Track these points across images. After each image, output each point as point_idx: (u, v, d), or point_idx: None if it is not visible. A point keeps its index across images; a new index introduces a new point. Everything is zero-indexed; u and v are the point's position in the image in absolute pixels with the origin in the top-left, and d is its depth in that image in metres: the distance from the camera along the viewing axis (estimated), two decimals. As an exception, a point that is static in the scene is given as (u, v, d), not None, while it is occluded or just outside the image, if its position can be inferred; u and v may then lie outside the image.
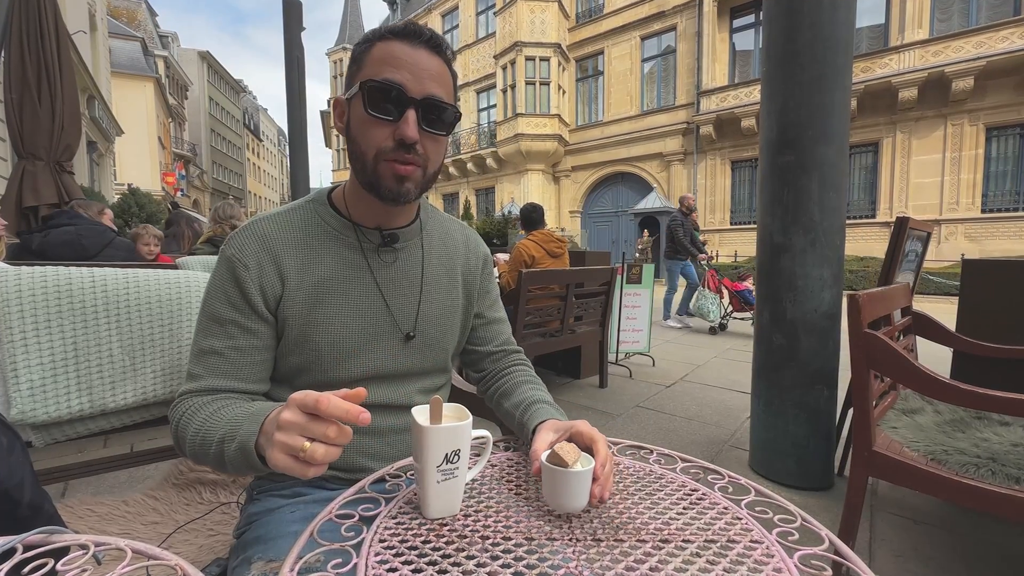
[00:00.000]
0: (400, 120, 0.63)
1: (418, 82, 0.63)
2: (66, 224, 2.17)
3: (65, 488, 1.71)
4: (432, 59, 0.65)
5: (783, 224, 1.92)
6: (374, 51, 0.65)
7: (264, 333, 0.68)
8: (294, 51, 3.66)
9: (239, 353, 0.66)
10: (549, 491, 0.55)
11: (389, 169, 0.65)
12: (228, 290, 0.67)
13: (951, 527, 1.62)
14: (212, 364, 0.65)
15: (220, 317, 0.66)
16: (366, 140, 0.65)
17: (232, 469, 0.57)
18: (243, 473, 0.60)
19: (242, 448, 0.54)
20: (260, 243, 0.67)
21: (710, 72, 14.36)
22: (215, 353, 0.66)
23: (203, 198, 35.03)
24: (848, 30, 1.86)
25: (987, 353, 1.69)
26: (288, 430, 0.47)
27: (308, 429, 0.46)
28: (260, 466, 0.53)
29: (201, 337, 0.67)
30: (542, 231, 3.33)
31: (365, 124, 0.65)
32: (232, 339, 0.66)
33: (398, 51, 0.64)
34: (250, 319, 0.67)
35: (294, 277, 0.68)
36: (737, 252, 13.98)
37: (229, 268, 0.67)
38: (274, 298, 0.67)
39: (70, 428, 0.89)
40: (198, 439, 0.59)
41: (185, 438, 0.61)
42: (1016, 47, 10.23)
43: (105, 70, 13.20)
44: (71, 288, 0.86)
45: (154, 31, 29.94)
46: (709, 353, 4.48)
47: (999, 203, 11.16)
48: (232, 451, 0.55)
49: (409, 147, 0.64)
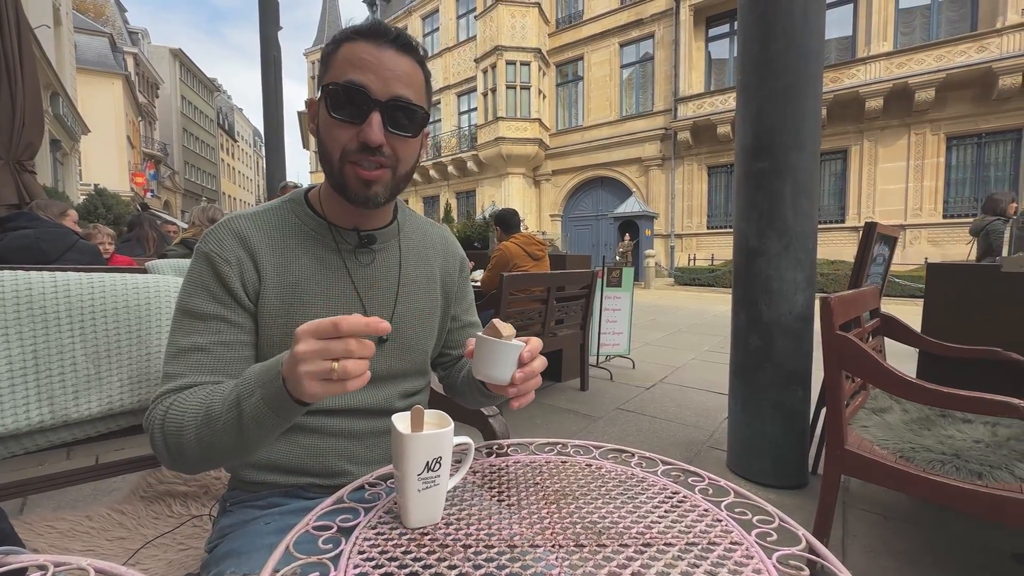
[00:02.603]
0: (364, 123, 0.63)
1: (383, 83, 0.62)
2: (24, 227, 2.06)
3: (24, 504, 1.63)
4: (399, 59, 0.64)
5: (758, 228, 1.96)
6: (340, 52, 0.63)
7: (249, 327, 0.66)
8: (271, 50, 3.60)
9: (225, 348, 0.63)
10: (478, 360, 0.58)
11: (354, 172, 0.65)
12: (209, 285, 0.64)
13: (920, 522, 1.68)
14: (195, 361, 0.62)
15: (202, 313, 0.63)
16: (331, 141, 0.65)
17: (253, 432, 0.53)
18: (265, 434, 0.54)
19: (267, 395, 0.51)
20: (238, 240, 0.66)
21: (687, 79, 14.67)
22: (199, 350, 0.62)
23: (174, 199, 34.04)
24: (818, 40, 1.92)
25: (951, 353, 1.76)
26: (310, 360, 0.46)
27: (329, 351, 0.46)
28: (292, 406, 0.51)
29: (180, 336, 0.63)
30: (522, 234, 3.34)
31: (329, 126, 0.64)
32: (217, 334, 0.63)
33: (363, 52, 0.62)
34: (234, 312, 0.65)
35: (271, 276, 0.67)
36: (714, 256, 14.28)
37: (208, 263, 0.65)
38: (254, 292, 0.66)
39: (29, 440, 0.85)
40: (200, 416, 0.55)
41: (181, 425, 0.56)
42: (973, 61, 10.76)
43: (70, 66, 12.73)
44: (31, 293, 0.82)
45: (123, 27, 28.99)
46: (688, 355, 4.55)
47: (959, 209, 11.70)
48: (253, 405, 0.51)
49: (374, 150, 0.63)
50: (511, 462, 0.71)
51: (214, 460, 0.58)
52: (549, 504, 0.58)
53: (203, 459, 0.57)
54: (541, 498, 0.60)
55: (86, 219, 7.99)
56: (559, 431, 2.58)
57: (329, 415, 0.70)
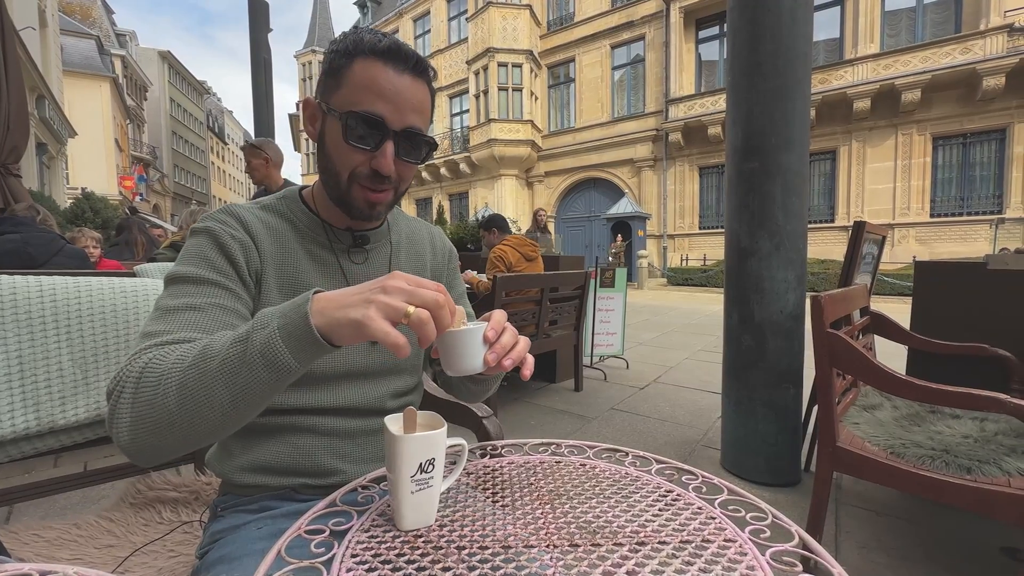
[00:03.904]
0: (377, 151, 0.63)
1: (399, 113, 0.62)
2: (10, 231, 2.03)
3: (10, 512, 1.60)
4: (416, 87, 0.64)
5: (750, 228, 1.98)
6: (356, 69, 0.61)
7: (247, 303, 0.63)
8: (261, 52, 3.58)
9: (222, 311, 0.58)
10: (442, 358, 0.54)
11: (362, 194, 0.66)
12: (209, 255, 0.61)
13: (911, 518, 1.69)
14: (186, 318, 0.55)
15: (198, 278, 0.59)
16: (341, 162, 0.64)
17: (257, 376, 0.45)
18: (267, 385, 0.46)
19: (287, 326, 0.45)
20: (240, 222, 0.66)
21: (678, 81, 14.77)
22: (191, 308, 0.56)
23: (164, 202, 33.68)
24: (806, 43, 1.94)
25: (939, 350, 1.78)
26: (395, 294, 0.45)
27: (416, 295, 0.46)
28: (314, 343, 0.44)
29: (170, 298, 0.57)
30: (515, 236, 3.36)
31: (342, 149, 0.63)
32: (213, 297, 0.59)
33: (382, 79, 0.61)
34: (235, 283, 0.62)
35: (271, 265, 0.67)
36: (706, 256, 14.37)
37: (210, 236, 0.63)
38: (256, 274, 0.65)
39: (15, 448, 0.83)
40: (191, 356, 0.47)
41: (162, 372, 0.47)
42: (958, 62, 10.94)
43: (56, 68, 12.56)
44: (15, 298, 0.81)
45: (110, 29, 28.69)
46: (681, 355, 4.57)
47: (946, 208, 11.87)
48: (266, 337, 0.45)
49: (384, 177, 0.64)
50: (505, 463, 0.71)
51: (187, 425, 0.47)
52: (543, 504, 0.58)
53: (172, 425, 0.46)
54: (535, 498, 0.60)
55: (73, 223, 7.88)
56: (553, 432, 2.58)
57: (321, 414, 0.69)
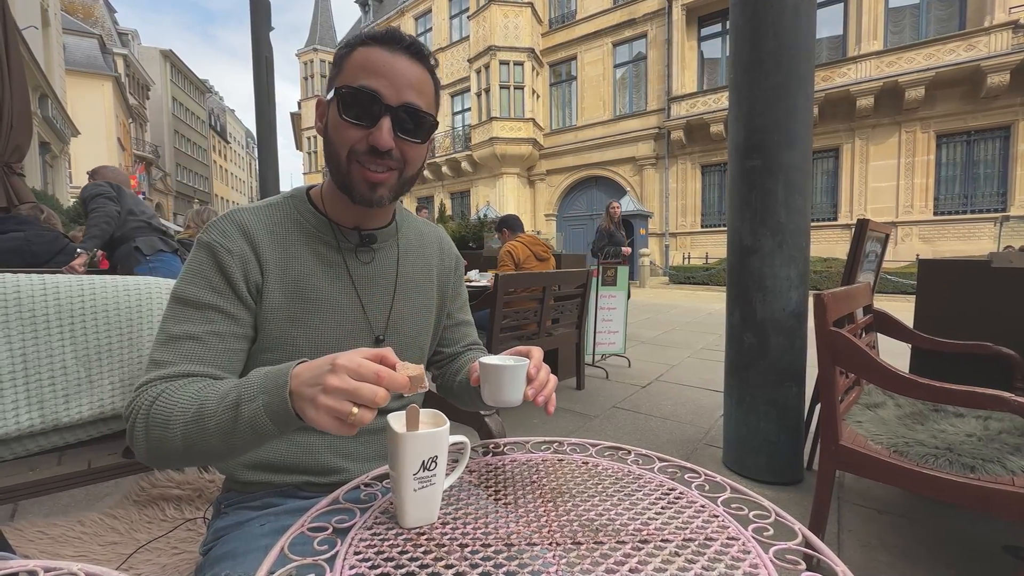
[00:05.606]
0: (374, 127, 0.63)
1: (395, 89, 0.63)
2: (13, 230, 2.04)
3: (15, 510, 1.61)
4: (412, 66, 0.65)
5: (752, 226, 1.97)
6: (354, 56, 0.64)
7: (245, 321, 0.65)
8: (262, 50, 3.58)
9: (219, 339, 0.62)
10: (486, 387, 0.62)
11: (360, 173, 0.66)
12: (208, 275, 0.64)
13: (914, 516, 1.69)
14: (187, 349, 0.60)
15: (198, 302, 0.62)
16: (340, 140, 0.65)
17: (245, 437, 0.51)
18: (256, 441, 0.52)
19: (270, 404, 0.49)
20: (241, 232, 0.66)
21: (680, 79, 14.72)
22: (191, 338, 0.61)
23: (166, 201, 33.75)
24: (809, 40, 1.93)
25: (942, 348, 1.78)
26: (337, 396, 0.46)
27: (358, 395, 0.46)
28: (293, 420, 0.49)
29: (172, 324, 0.62)
30: (528, 234, 3.38)
31: (339, 126, 0.65)
32: (211, 324, 0.62)
33: (376, 57, 0.63)
34: (233, 304, 0.64)
35: (273, 271, 0.67)
36: (708, 254, 14.34)
37: (210, 253, 0.64)
38: (255, 287, 0.66)
39: (19, 446, 0.84)
40: (191, 412, 0.53)
41: (169, 418, 0.53)
42: (961, 59, 10.87)
43: (59, 68, 12.59)
44: (19, 296, 0.81)
45: (112, 28, 28.71)
46: (683, 353, 4.57)
47: (949, 206, 11.82)
48: (253, 411, 0.50)
49: (383, 153, 0.64)
50: (507, 461, 0.71)
51: (194, 459, 0.55)
52: (546, 502, 0.58)
53: (183, 456, 0.55)
54: (538, 496, 0.60)
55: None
56: (555, 430, 2.58)
57: None
